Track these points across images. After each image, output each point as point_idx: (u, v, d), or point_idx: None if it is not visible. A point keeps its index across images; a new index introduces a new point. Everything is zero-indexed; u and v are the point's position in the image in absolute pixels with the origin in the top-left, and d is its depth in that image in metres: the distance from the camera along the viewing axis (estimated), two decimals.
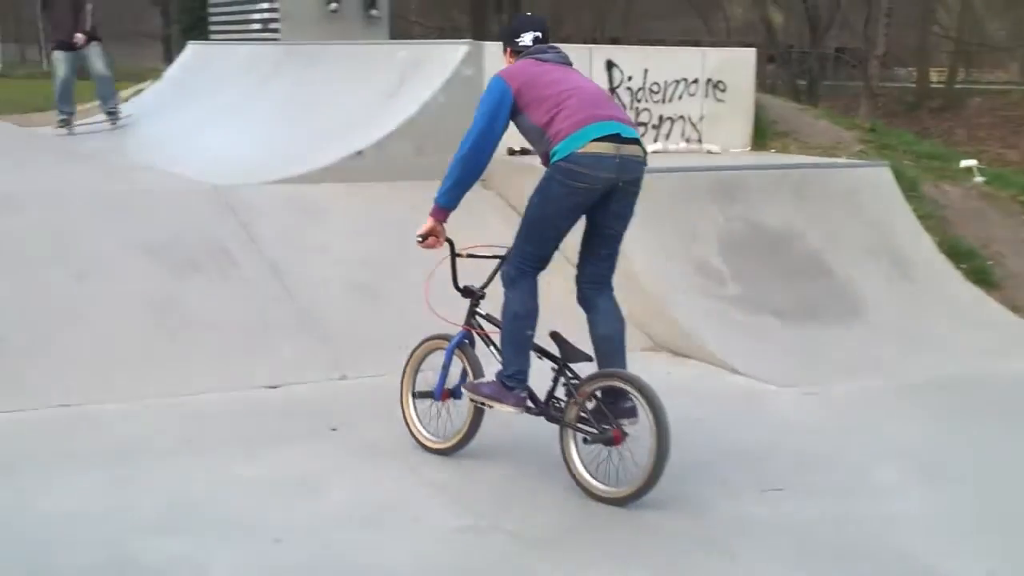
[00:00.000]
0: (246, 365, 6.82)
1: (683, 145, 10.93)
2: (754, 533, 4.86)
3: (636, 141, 5.20)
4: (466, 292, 5.68)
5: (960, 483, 5.60)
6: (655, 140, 10.77)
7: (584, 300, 5.45)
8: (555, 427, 5.34)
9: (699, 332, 7.72)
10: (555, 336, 5.40)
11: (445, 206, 5.46)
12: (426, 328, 7.50)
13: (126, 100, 14.58)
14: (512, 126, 5.40)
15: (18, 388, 6.22)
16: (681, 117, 10.95)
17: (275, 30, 14.17)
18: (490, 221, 9.20)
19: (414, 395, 5.85)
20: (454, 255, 5.66)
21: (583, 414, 5.20)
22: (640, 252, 8.25)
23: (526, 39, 5.56)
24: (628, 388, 5.06)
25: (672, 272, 8.27)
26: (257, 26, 14.85)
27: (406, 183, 9.34)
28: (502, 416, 5.39)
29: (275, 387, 6.66)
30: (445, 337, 5.72)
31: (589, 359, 5.33)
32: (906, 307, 8.61)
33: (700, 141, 11.03)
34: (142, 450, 5.58)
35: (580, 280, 5.45)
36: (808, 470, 5.64)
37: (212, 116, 12.06)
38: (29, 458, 5.42)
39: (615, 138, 5.11)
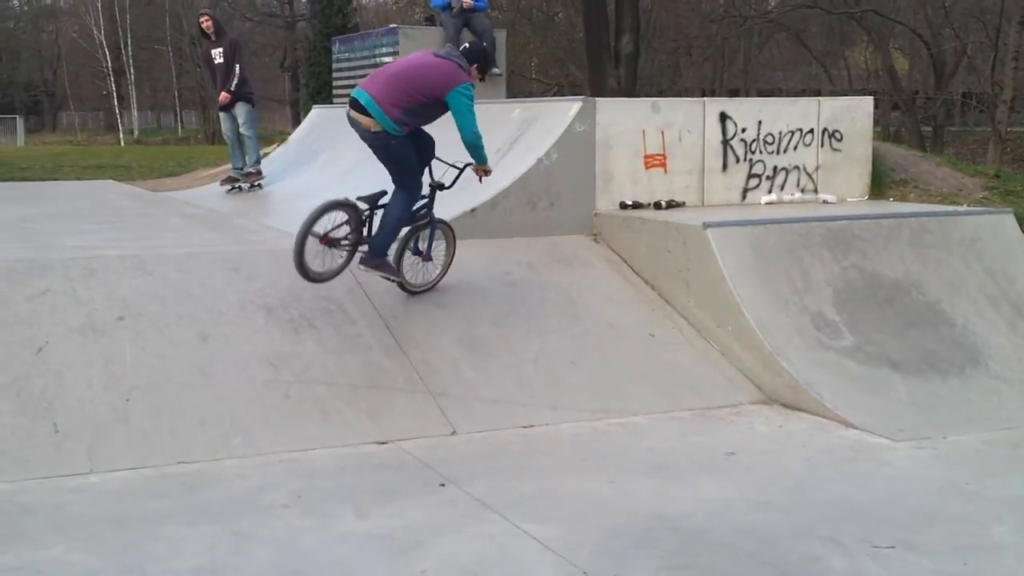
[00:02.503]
0: (357, 420, 6.96)
1: (798, 195, 10.83)
2: None
3: (365, 112, 7.56)
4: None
5: None
6: (769, 191, 10.72)
7: None
8: None
9: (812, 385, 7.61)
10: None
11: None
12: (536, 385, 7.63)
13: None
14: None
15: (141, 446, 6.45)
16: (796, 167, 10.86)
17: None
18: (600, 270, 9.28)
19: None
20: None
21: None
22: (752, 303, 8.22)
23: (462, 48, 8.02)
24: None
25: (785, 323, 8.18)
26: None
27: (520, 239, 9.48)
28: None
29: (385, 443, 6.77)
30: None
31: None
32: None
33: (816, 191, 10.91)
34: (254, 506, 5.73)
35: None
36: (923, 527, 5.49)
37: (333, 177, 12.38)
38: (146, 514, 5.61)
39: (353, 103, 7.66)
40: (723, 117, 10.49)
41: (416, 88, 7.57)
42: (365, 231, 7.94)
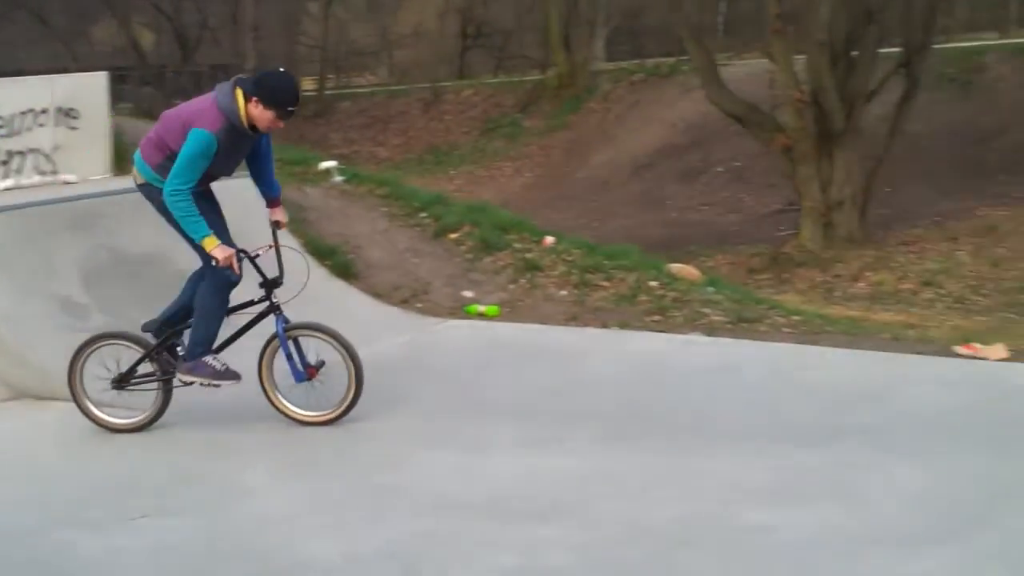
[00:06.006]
0: None
1: (37, 179, 10.41)
2: (126, 564, 4.82)
3: (136, 165, 6.46)
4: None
5: (324, 476, 5.88)
6: (6, 177, 10.19)
7: None
8: None
9: (62, 372, 7.40)
10: None
11: None
12: None
13: None
14: None
15: None
16: (33, 150, 10.42)
17: None
18: None
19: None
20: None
21: None
22: None
23: None
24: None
25: (30, 313, 7.85)
26: None
27: None
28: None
29: None
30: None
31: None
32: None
33: (56, 172, 10.56)
34: None
35: None
36: (178, 491, 5.65)
37: None
38: None
39: None
40: None
41: (167, 129, 6.26)
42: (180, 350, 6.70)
